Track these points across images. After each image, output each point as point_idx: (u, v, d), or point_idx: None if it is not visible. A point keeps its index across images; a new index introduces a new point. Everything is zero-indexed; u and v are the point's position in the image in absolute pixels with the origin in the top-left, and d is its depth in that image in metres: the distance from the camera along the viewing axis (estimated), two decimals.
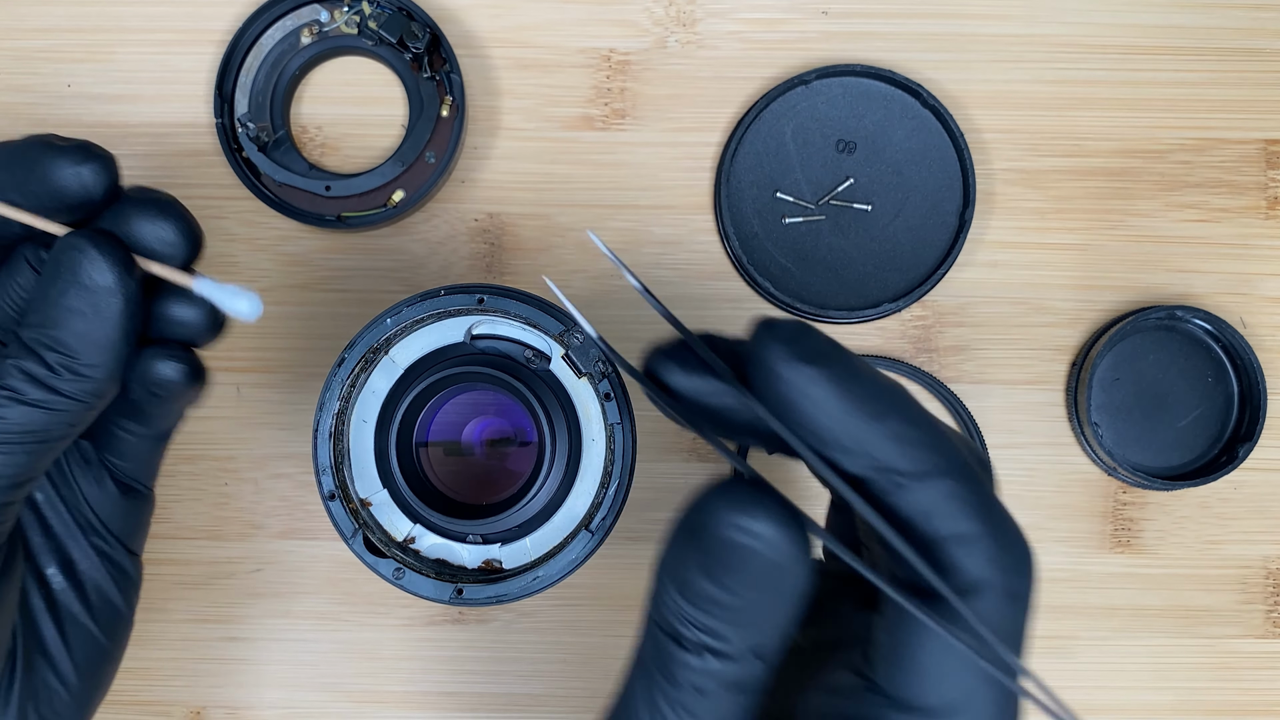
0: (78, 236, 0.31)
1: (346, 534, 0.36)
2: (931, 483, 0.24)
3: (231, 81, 0.50)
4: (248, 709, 0.52)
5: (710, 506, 0.24)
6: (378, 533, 0.37)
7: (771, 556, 0.24)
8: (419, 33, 0.49)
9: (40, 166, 0.32)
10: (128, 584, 0.38)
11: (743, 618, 0.24)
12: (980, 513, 0.24)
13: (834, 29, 0.52)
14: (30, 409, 0.31)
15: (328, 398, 0.35)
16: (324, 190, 0.50)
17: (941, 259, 0.50)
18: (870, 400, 0.24)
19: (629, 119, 0.52)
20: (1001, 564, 0.24)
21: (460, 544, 0.37)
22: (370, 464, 0.37)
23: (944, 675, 0.24)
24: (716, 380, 0.26)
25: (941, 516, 0.24)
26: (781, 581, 0.24)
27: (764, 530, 0.23)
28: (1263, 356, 0.50)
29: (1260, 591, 0.52)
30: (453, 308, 0.36)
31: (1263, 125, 0.52)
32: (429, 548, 0.37)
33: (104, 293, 0.31)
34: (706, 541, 0.24)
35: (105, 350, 0.31)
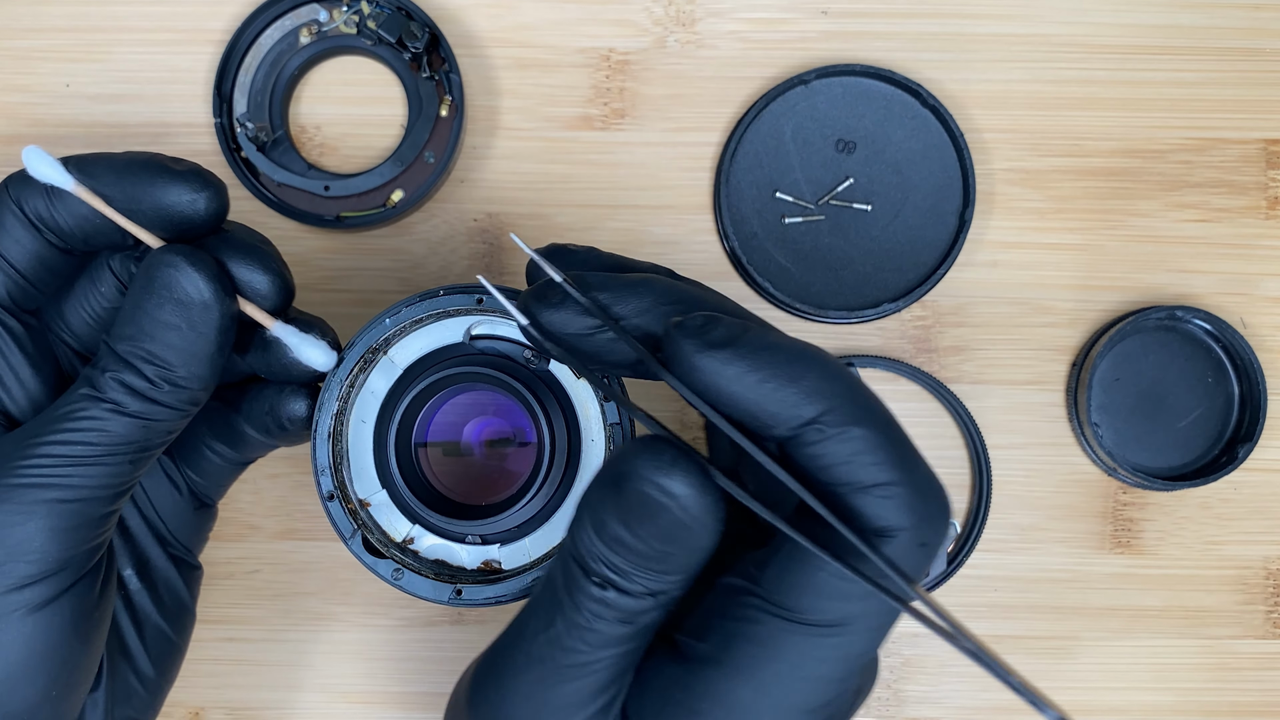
0: (172, 253, 0.32)
1: (345, 534, 0.36)
2: (852, 432, 0.27)
3: (230, 81, 0.50)
4: (247, 709, 0.52)
5: (634, 461, 0.27)
6: (376, 533, 0.36)
7: (681, 516, 0.27)
8: (418, 32, 0.49)
9: (155, 188, 0.33)
10: (194, 582, 0.40)
11: (648, 564, 0.27)
12: (898, 462, 0.27)
13: (834, 29, 0.52)
14: (131, 420, 0.32)
15: (326, 398, 0.35)
16: (323, 190, 0.50)
17: (941, 259, 0.50)
18: (784, 365, 0.27)
19: (628, 119, 0.52)
20: (915, 512, 0.27)
21: (459, 545, 0.37)
22: (369, 464, 0.36)
23: (839, 598, 0.27)
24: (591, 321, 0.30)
25: (862, 465, 0.27)
26: (688, 537, 0.27)
27: (679, 490, 0.26)
28: (1263, 357, 0.50)
29: (1260, 592, 0.52)
30: (452, 308, 0.36)
31: (1263, 125, 0.52)
32: (428, 548, 0.37)
33: (200, 308, 0.32)
34: (626, 492, 0.27)
35: (202, 362, 0.32)
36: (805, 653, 0.28)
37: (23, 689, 0.33)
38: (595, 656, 0.29)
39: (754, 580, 0.28)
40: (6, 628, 0.32)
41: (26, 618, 0.32)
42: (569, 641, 0.29)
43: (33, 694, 0.33)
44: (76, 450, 0.32)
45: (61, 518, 0.32)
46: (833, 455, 0.27)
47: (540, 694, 0.29)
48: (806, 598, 0.27)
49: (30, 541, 0.31)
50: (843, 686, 0.29)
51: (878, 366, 0.51)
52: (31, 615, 0.32)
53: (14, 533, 0.31)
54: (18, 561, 0.31)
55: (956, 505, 0.52)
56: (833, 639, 0.28)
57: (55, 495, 0.31)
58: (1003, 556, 0.52)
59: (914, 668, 0.52)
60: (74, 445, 0.32)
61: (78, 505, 0.32)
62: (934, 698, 0.52)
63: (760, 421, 0.27)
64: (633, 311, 0.29)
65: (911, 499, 0.27)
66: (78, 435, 0.32)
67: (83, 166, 0.34)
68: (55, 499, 0.31)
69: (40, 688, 0.33)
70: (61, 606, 0.32)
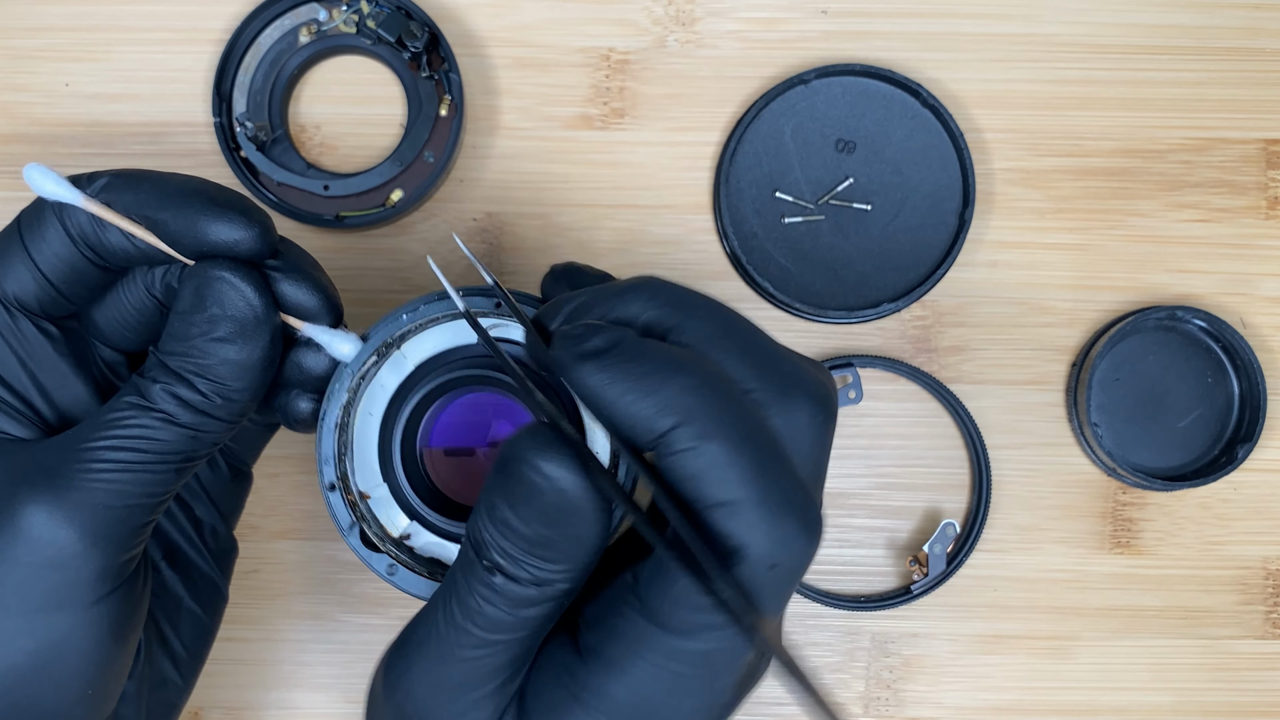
0: (221, 269, 0.32)
1: (344, 526, 0.36)
2: (704, 447, 0.27)
3: (230, 81, 0.50)
4: (246, 709, 0.52)
5: (517, 443, 0.28)
6: (374, 527, 0.36)
7: (556, 499, 0.27)
8: (418, 32, 0.49)
9: (200, 223, 0.32)
10: (226, 561, 0.40)
11: (533, 549, 0.28)
12: (750, 478, 0.27)
13: (833, 28, 0.52)
14: (182, 430, 0.32)
15: (337, 388, 0.35)
16: (322, 190, 0.50)
17: (941, 259, 0.50)
18: (645, 376, 0.27)
19: (628, 118, 0.51)
20: (765, 532, 0.27)
21: (455, 544, 0.37)
22: (373, 457, 0.36)
23: (693, 608, 0.27)
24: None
25: (711, 481, 0.27)
26: (568, 523, 0.28)
27: (554, 473, 0.27)
28: (1263, 357, 0.50)
29: (1260, 592, 0.52)
30: (470, 310, 0.36)
31: (1263, 125, 0.52)
32: (424, 545, 0.37)
33: (252, 323, 0.32)
34: (509, 473, 0.28)
35: (253, 375, 0.33)
36: (668, 655, 0.28)
37: (58, 692, 0.33)
38: (487, 639, 0.29)
39: (635, 579, 0.29)
40: (44, 634, 0.32)
41: (63, 624, 0.32)
42: (462, 623, 0.29)
43: (68, 696, 0.33)
44: (124, 456, 0.31)
45: (104, 525, 0.31)
46: (684, 469, 0.27)
47: (438, 672, 0.30)
48: (667, 604, 0.28)
49: (70, 548, 0.31)
50: (711, 687, 0.29)
51: (877, 366, 0.51)
52: (69, 622, 0.32)
53: (54, 538, 0.31)
54: (55, 568, 0.31)
55: (957, 505, 0.52)
56: (693, 644, 0.28)
57: (100, 500, 0.31)
58: (1002, 556, 0.52)
59: (914, 668, 0.52)
60: (122, 452, 0.31)
61: (121, 512, 0.32)
62: (933, 698, 0.52)
63: (622, 432, 0.28)
64: (628, 317, 0.30)
65: (761, 517, 0.27)
66: (126, 442, 0.32)
67: (120, 187, 0.33)
68: (100, 504, 0.31)
69: (75, 691, 0.33)
70: (99, 613, 0.32)
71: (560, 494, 0.27)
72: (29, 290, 0.34)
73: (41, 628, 0.32)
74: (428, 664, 0.30)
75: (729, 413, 0.27)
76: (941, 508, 0.52)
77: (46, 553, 0.31)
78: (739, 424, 0.27)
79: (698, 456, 0.27)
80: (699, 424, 0.27)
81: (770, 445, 0.28)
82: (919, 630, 0.52)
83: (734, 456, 0.27)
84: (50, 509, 0.31)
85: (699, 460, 0.27)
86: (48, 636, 0.32)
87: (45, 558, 0.31)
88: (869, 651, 0.52)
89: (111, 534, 0.32)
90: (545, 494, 0.27)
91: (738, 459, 0.27)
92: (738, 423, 0.27)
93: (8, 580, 0.31)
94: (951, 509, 0.52)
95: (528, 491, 0.27)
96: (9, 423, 0.34)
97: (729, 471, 0.27)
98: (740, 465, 0.27)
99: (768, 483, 0.27)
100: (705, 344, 0.29)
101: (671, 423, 0.27)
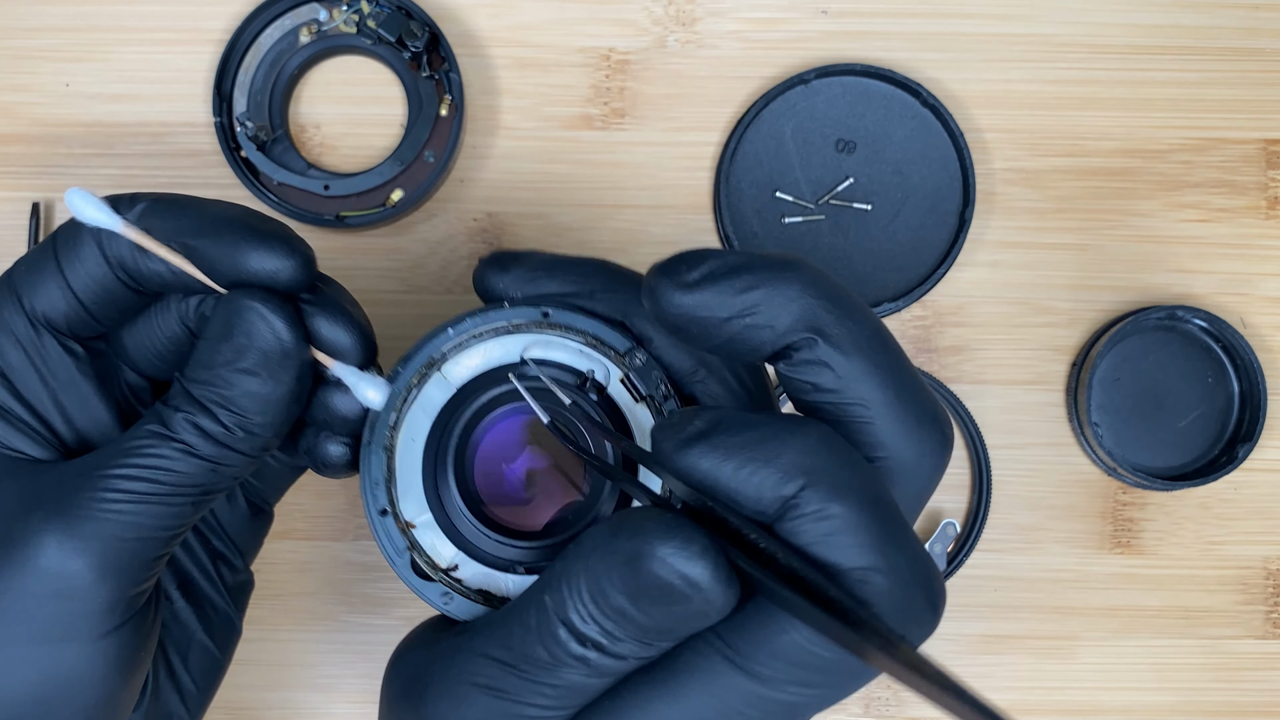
0: (252, 299, 0.31)
1: (394, 553, 0.34)
2: (830, 510, 0.26)
3: (230, 80, 0.50)
4: (247, 709, 0.52)
5: (654, 542, 0.26)
6: (423, 556, 0.35)
7: (703, 607, 0.26)
8: (418, 31, 0.49)
9: (239, 251, 0.32)
10: (242, 596, 0.39)
11: (647, 636, 0.27)
12: (878, 545, 0.26)
13: (833, 28, 0.52)
14: (201, 463, 0.31)
15: (385, 409, 0.34)
16: (323, 190, 0.50)
17: (941, 259, 0.50)
18: (761, 444, 0.26)
19: (628, 118, 0.51)
20: (894, 602, 0.26)
21: (506, 574, 0.35)
22: (417, 483, 0.35)
23: (793, 664, 0.27)
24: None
25: (838, 546, 0.26)
26: (702, 620, 0.26)
27: (704, 582, 0.25)
28: (1263, 357, 0.50)
29: (1260, 592, 0.52)
30: (516, 320, 0.35)
31: (1263, 125, 0.52)
32: (472, 576, 0.35)
33: (279, 356, 0.31)
34: (641, 572, 0.26)
35: (278, 410, 0.32)
36: (745, 698, 0.27)
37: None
38: (556, 703, 0.28)
39: (713, 628, 0.28)
40: (49, 665, 0.31)
41: (69, 657, 0.31)
42: (530, 690, 0.28)
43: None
44: (140, 487, 0.31)
45: (116, 557, 0.31)
46: (810, 534, 0.26)
47: (490, 718, 0.29)
48: (764, 654, 0.27)
49: (80, 579, 0.30)
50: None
51: None
52: (75, 655, 0.31)
53: (64, 568, 0.30)
54: (64, 599, 0.31)
55: (957, 505, 0.52)
56: (779, 695, 0.27)
57: (113, 532, 0.30)
58: (1003, 556, 0.52)
59: None
60: (139, 482, 0.31)
61: (134, 544, 0.31)
62: None
63: (745, 507, 0.27)
64: (781, 302, 0.28)
65: (891, 588, 0.26)
66: (144, 473, 0.31)
67: (160, 212, 0.32)
68: (113, 535, 0.30)
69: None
70: (106, 646, 0.32)
71: (709, 602, 0.26)
72: (58, 309, 0.33)
73: (46, 659, 0.31)
74: (482, 713, 0.29)
75: (852, 471, 0.27)
76: (942, 507, 0.52)
77: (56, 583, 0.30)
78: (864, 484, 0.27)
79: (822, 520, 0.26)
80: (824, 485, 0.26)
81: (891, 504, 0.27)
82: None
83: (861, 519, 0.26)
84: (61, 538, 0.30)
85: (824, 524, 0.26)
86: (53, 669, 0.31)
87: (54, 588, 0.30)
88: None
89: (123, 567, 0.31)
90: (690, 601, 0.26)
91: (865, 521, 0.26)
92: (863, 483, 0.27)
93: (14, 609, 0.30)
94: (952, 509, 0.52)
95: (667, 596, 0.26)
96: (26, 442, 0.33)
97: (857, 536, 0.26)
98: (867, 529, 0.26)
99: (897, 548, 0.26)
100: (855, 352, 0.28)
101: (798, 485, 0.26)
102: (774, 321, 0.28)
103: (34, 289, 0.33)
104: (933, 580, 0.27)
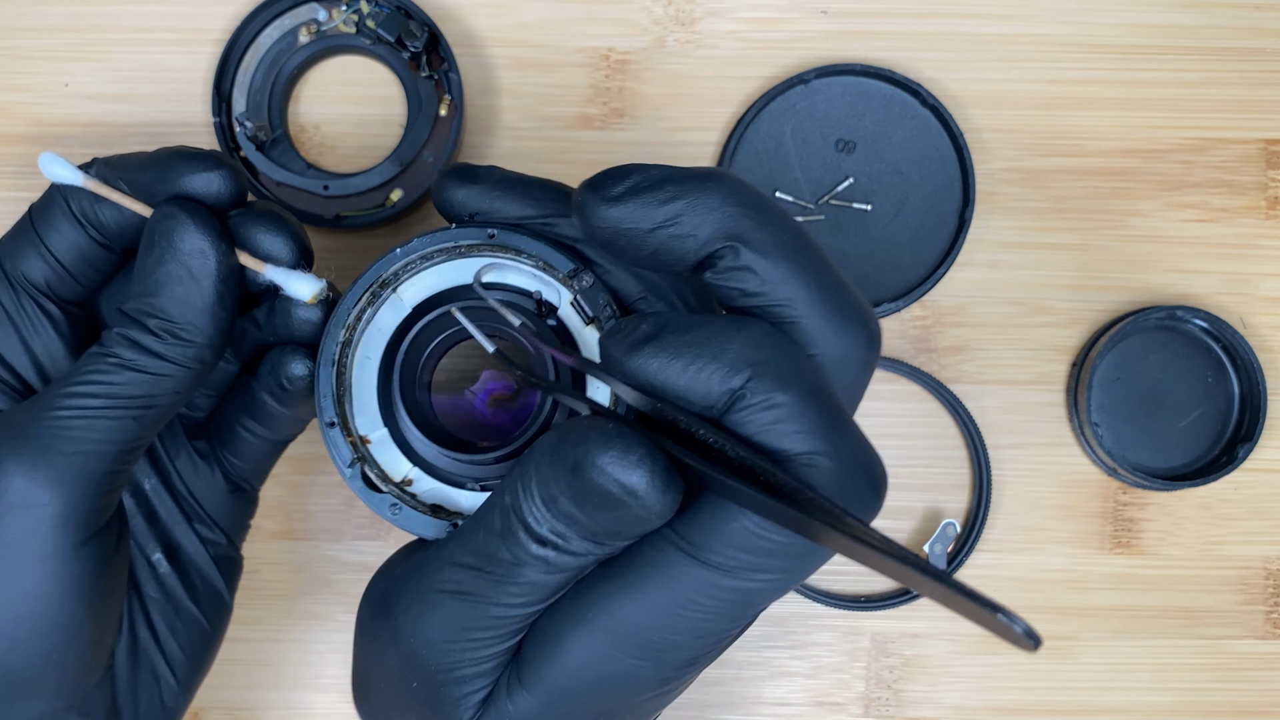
0: (170, 205, 0.33)
1: (344, 464, 0.35)
2: (775, 399, 0.27)
3: (229, 80, 0.50)
4: (246, 709, 0.52)
5: (594, 451, 0.27)
6: (375, 469, 0.36)
7: (641, 513, 0.27)
8: (417, 31, 0.49)
9: (172, 171, 0.34)
10: (230, 571, 0.40)
11: (596, 537, 0.28)
12: (822, 431, 0.27)
13: (833, 28, 0.52)
14: (136, 374, 0.33)
15: (332, 325, 0.35)
16: (322, 190, 0.50)
17: (941, 259, 0.50)
18: (708, 342, 0.28)
19: (627, 118, 0.51)
20: (840, 487, 0.27)
21: (458, 490, 0.36)
22: (372, 401, 0.36)
23: (747, 550, 0.28)
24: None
25: (784, 433, 0.27)
26: (644, 524, 0.28)
27: (642, 489, 0.27)
28: (1263, 357, 0.50)
29: (1260, 592, 0.52)
30: (464, 242, 0.35)
31: (1263, 125, 0.52)
32: (426, 491, 0.36)
33: (196, 255, 0.32)
34: (584, 480, 0.27)
35: (203, 314, 0.33)
36: (702, 588, 0.29)
37: (23, 653, 0.33)
38: (527, 598, 0.30)
39: (676, 516, 0.29)
40: (6, 584, 0.32)
41: (29, 573, 0.32)
42: (501, 583, 0.30)
43: (33, 658, 0.33)
44: (82, 403, 0.32)
45: (66, 471, 0.32)
46: (757, 423, 0.27)
47: (464, 624, 0.30)
48: (716, 542, 0.28)
49: (35, 495, 0.32)
50: (723, 628, 0.30)
51: (878, 366, 0.51)
52: (34, 571, 0.32)
53: (17, 485, 0.32)
54: (19, 514, 0.32)
55: (957, 505, 0.52)
56: (735, 583, 0.28)
57: (63, 447, 0.32)
58: (1003, 556, 0.52)
59: (914, 668, 0.52)
60: (79, 399, 0.32)
61: (81, 459, 0.32)
62: (933, 698, 0.52)
63: (693, 404, 0.28)
64: (702, 211, 0.29)
65: (836, 471, 0.27)
66: (82, 389, 0.32)
67: (111, 162, 0.35)
68: (61, 450, 0.32)
69: (39, 653, 0.33)
70: (61, 567, 0.33)
71: (647, 508, 0.27)
72: (37, 270, 0.35)
73: (3, 581, 0.32)
74: (452, 617, 0.30)
75: (795, 362, 0.28)
76: (942, 508, 0.52)
77: (12, 499, 0.32)
78: (807, 375, 0.28)
79: (768, 409, 0.27)
80: (770, 376, 0.27)
81: (832, 394, 0.28)
82: (919, 630, 0.52)
83: (805, 406, 0.27)
84: (17, 457, 0.32)
85: (770, 413, 0.27)
86: (11, 590, 0.32)
87: (7, 502, 0.32)
88: (869, 652, 0.52)
89: (74, 480, 0.32)
90: (629, 508, 0.27)
91: (808, 409, 0.27)
92: (805, 374, 0.28)
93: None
94: (952, 509, 0.52)
95: (607, 502, 0.27)
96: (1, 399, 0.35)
97: (801, 422, 0.27)
98: (810, 416, 0.27)
99: (840, 434, 0.28)
100: (777, 255, 0.29)
101: (745, 377, 0.27)
102: (696, 230, 0.29)
103: (13, 253, 0.35)
104: (874, 464, 0.28)
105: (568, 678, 0.30)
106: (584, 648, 0.30)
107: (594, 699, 0.30)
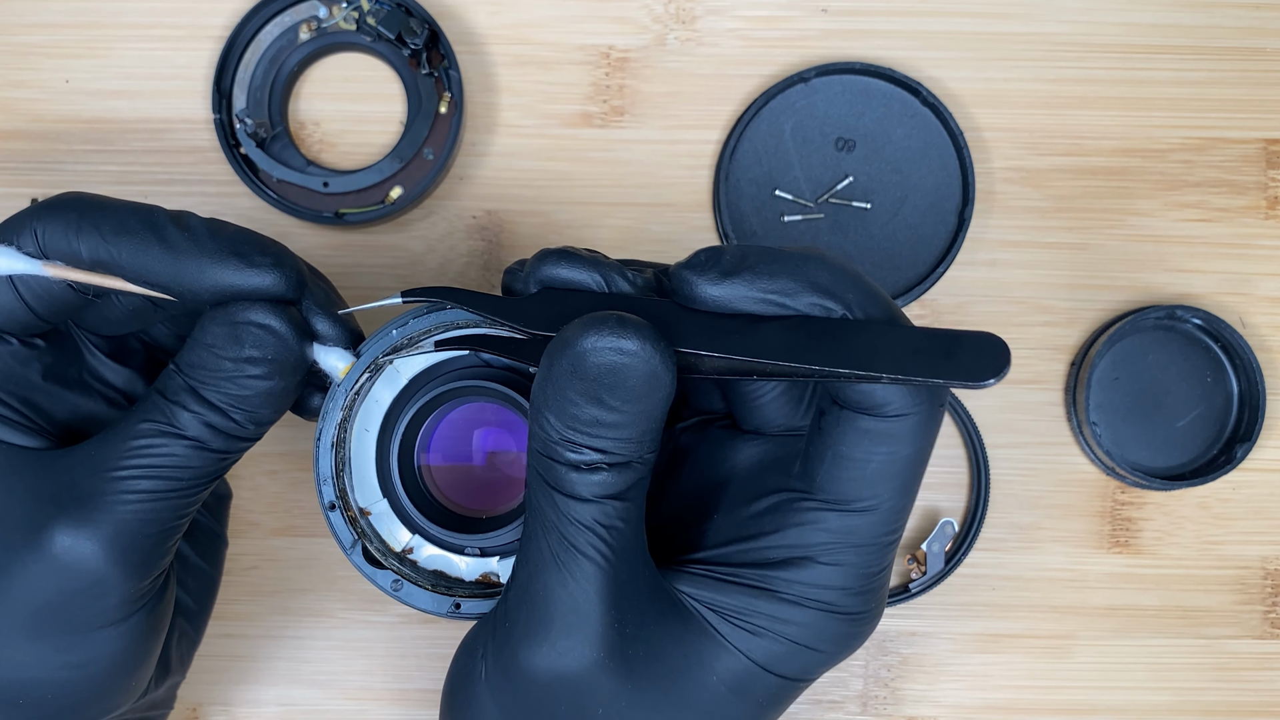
0: (257, 314, 0.32)
1: (345, 545, 0.36)
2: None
3: (230, 77, 0.50)
4: (244, 706, 0.52)
5: (583, 338, 0.28)
6: (376, 542, 0.36)
7: (645, 368, 0.28)
8: (417, 29, 0.49)
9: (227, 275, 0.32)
10: (221, 507, 0.41)
11: (623, 431, 0.29)
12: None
13: (833, 27, 0.52)
14: (212, 455, 0.33)
15: (331, 407, 0.35)
16: (322, 186, 0.50)
17: (941, 258, 0.50)
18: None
19: (628, 116, 0.51)
20: (918, 400, 0.31)
21: (458, 556, 0.37)
22: (371, 473, 0.36)
23: (865, 478, 0.31)
24: None
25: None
26: (655, 387, 0.29)
27: (633, 346, 0.28)
28: (1262, 356, 0.50)
29: (1258, 592, 0.52)
30: (460, 320, 0.35)
31: (1263, 125, 0.52)
32: (427, 559, 0.37)
33: (291, 366, 0.33)
34: (588, 367, 0.28)
35: (286, 402, 0.34)
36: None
37: (81, 712, 0.34)
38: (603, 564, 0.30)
39: (802, 489, 0.32)
40: (72, 655, 0.33)
41: (90, 646, 0.33)
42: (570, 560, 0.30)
43: (105, 702, 0.34)
44: (156, 485, 0.32)
45: (133, 550, 0.32)
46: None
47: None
48: (840, 484, 0.31)
49: (101, 572, 0.32)
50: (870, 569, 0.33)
51: None
52: (97, 643, 0.33)
53: (85, 564, 0.31)
54: (86, 594, 0.32)
55: (955, 505, 0.52)
56: (866, 516, 0.32)
57: (134, 529, 0.32)
58: (1001, 555, 0.52)
59: (912, 666, 0.52)
60: (153, 480, 0.32)
61: (151, 538, 0.32)
62: (931, 696, 0.52)
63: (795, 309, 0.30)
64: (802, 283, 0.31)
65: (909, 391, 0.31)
66: (158, 471, 0.32)
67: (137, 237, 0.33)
68: (133, 531, 0.32)
69: (110, 698, 0.34)
70: (125, 631, 0.33)
71: (648, 361, 0.28)
72: (15, 319, 0.33)
73: (68, 650, 0.32)
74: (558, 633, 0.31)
75: (878, 295, 0.31)
76: (940, 506, 0.52)
77: (77, 580, 0.32)
78: (881, 297, 0.31)
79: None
80: (862, 304, 0.30)
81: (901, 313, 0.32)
82: (917, 629, 0.52)
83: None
84: (77, 534, 0.31)
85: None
86: (74, 655, 0.33)
87: (76, 585, 0.32)
88: (867, 650, 0.52)
89: (141, 559, 0.32)
90: (634, 369, 0.28)
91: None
92: (880, 295, 0.31)
93: (35, 602, 0.32)
94: (950, 508, 0.52)
95: (615, 375, 0.28)
96: (13, 434, 0.34)
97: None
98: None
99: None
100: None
101: (843, 304, 0.30)
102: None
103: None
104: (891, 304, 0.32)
105: None
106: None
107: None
